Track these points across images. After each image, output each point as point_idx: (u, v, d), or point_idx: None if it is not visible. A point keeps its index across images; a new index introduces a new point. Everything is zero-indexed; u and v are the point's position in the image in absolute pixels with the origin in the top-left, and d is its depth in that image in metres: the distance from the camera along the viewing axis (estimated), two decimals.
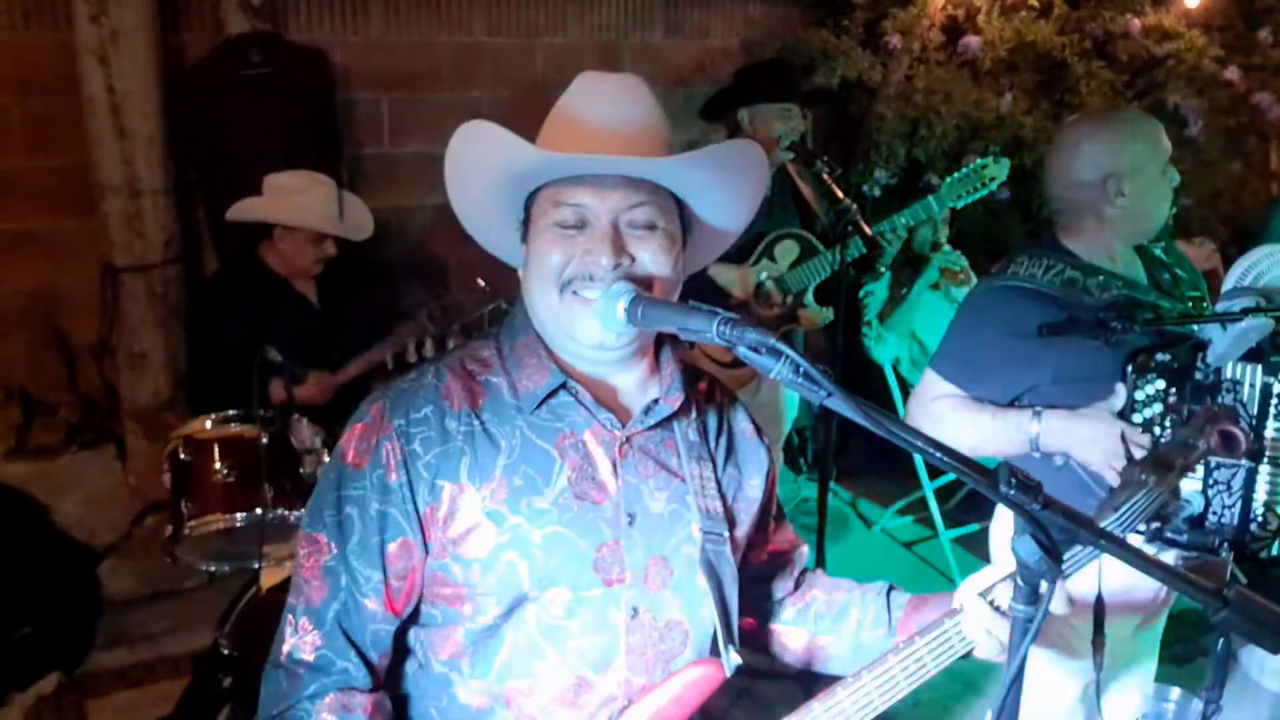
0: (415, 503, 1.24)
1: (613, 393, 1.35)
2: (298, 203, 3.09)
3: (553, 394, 1.29)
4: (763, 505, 1.49)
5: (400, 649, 1.32)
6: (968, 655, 1.30)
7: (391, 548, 1.24)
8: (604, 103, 1.30)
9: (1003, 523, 2.35)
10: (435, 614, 1.28)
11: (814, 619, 1.53)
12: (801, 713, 1.23)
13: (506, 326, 1.38)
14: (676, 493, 1.34)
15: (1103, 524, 1.36)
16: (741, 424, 1.50)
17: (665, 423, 1.35)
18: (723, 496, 1.39)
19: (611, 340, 1.27)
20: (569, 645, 1.26)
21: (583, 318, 1.26)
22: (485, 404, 1.29)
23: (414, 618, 1.31)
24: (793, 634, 1.54)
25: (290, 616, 1.27)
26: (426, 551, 1.26)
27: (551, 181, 1.27)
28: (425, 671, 1.31)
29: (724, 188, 1.33)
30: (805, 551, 1.61)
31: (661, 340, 1.39)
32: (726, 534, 1.35)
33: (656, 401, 1.34)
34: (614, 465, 1.30)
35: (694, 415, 1.40)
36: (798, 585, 1.58)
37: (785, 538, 1.59)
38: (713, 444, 1.43)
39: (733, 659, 1.31)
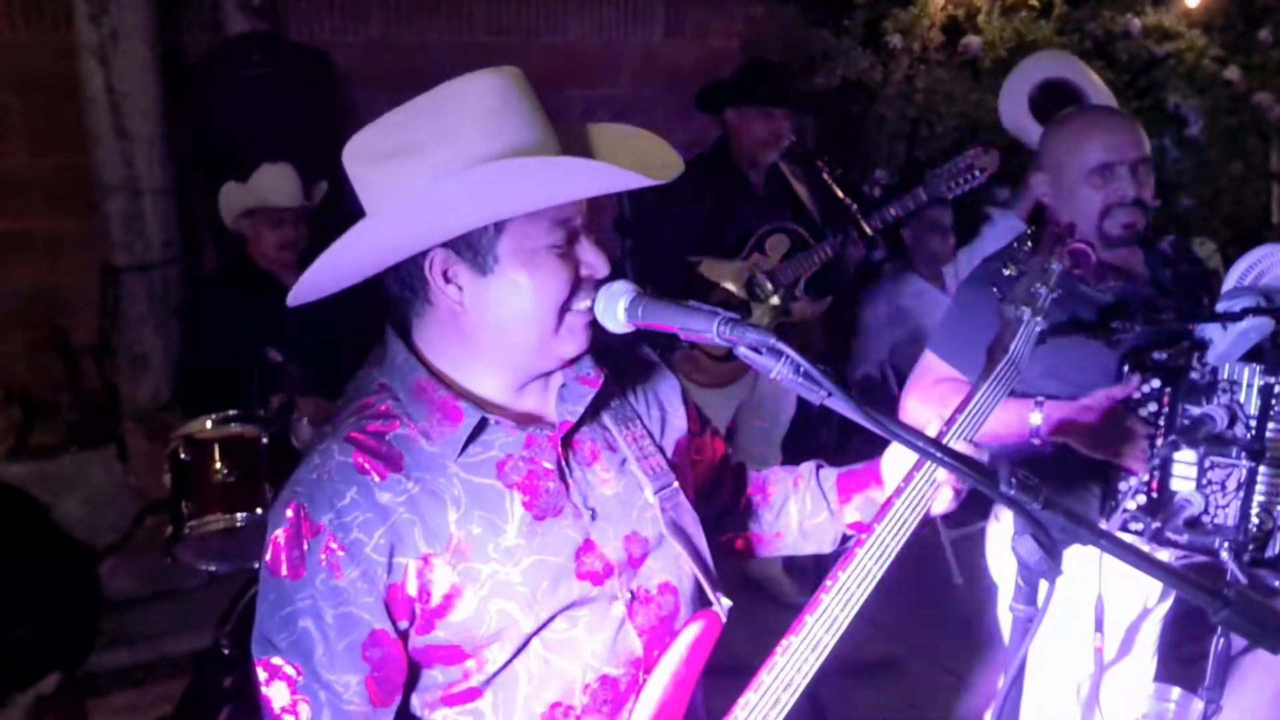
0: (375, 591, 1.16)
1: (530, 399, 1.30)
2: (250, 185, 3.08)
3: (476, 431, 1.21)
4: (689, 427, 1.47)
5: (409, 719, 1.26)
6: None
7: (363, 645, 1.17)
8: (525, 106, 1.19)
9: (1002, 522, 2.36)
10: (435, 674, 1.23)
11: (757, 517, 1.57)
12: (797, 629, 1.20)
13: (388, 370, 1.26)
14: (620, 467, 1.31)
15: (1003, 358, 1.47)
16: (644, 361, 1.46)
17: (590, 402, 1.30)
18: (660, 448, 1.37)
19: (587, 346, 1.24)
20: (584, 651, 1.24)
21: (575, 334, 1.23)
22: (409, 462, 1.19)
23: (412, 684, 1.24)
24: (741, 537, 1.59)
25: None
26: (399, 633, 1.19)
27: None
28: None
29: None
30: (730, 453, 1.63)
31: None
32: (676, 483, 1.34)
33: (565, 385, 1.29)
34: (558, 469, 1.25)
35: (608, 380, 1.34)
36: (735, 491, 1.59)
37: (714, 447, 1.58)
38: (632, 398, 1.40)
39: (724, 603, 1.31)
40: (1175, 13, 4.73)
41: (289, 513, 1.17)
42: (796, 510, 1.54)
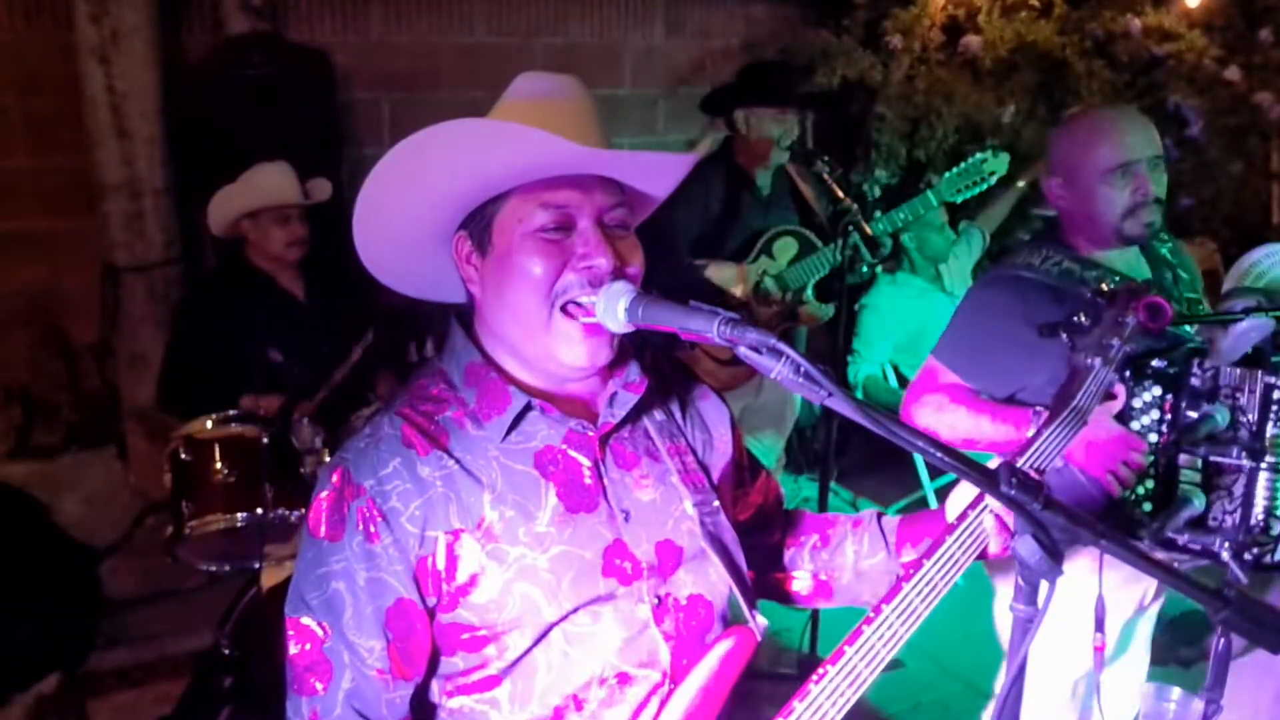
0: (405, 561, 1.19)
1: (573, 394, 1.31)
2: (251, 186, 3.08)
3: (520, 416, 1.24)
4: (734, 457, 1.48)
5: (425, 705, 1.27)
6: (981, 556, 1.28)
7: (389, 612, 1.19)
8: (558, 94, 1.25)
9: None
10: (456, 662, 1.24)
11: (811, 557, 1.55)
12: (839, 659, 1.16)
13: (447, 355, 1.31)
14: (661, 476, 1.32)
15: (1066, 410, 1.45)
16: (693, 384, 1.48)
17: (632, 409, 1.31)
18: (703, 466, 1.38)
19: (601, 361, 1.23)
20: (606, 648, 1.24)
21: (572, 341, 1.21)
22: (452, 442, 1.23)
23: (431, 670, 1.26)
24: (796, 577, 1.56)
25: (296, 717, 1.21)
26: (426, 607, 1.21)
27: (523, 185, 1.20)
28: (457, 717, 1.27)
29: (664, 189, 1.34)
30: (784, 494, 1.63)
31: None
32: (716, 502, 1.35)
33: (615, 394, 1.30)
34: (596, 467, 1.27)
35: (655, 393, 1.36)
36: (788, 529, 1.59)
37: (765, 485, 1.58)
38: (679, 416, 1.41)
39: (759, 621, 1.30)
40: (1175, 13, 4.73)
41: (334, 477, 1.21)
42: (853, 550, 1.51)
